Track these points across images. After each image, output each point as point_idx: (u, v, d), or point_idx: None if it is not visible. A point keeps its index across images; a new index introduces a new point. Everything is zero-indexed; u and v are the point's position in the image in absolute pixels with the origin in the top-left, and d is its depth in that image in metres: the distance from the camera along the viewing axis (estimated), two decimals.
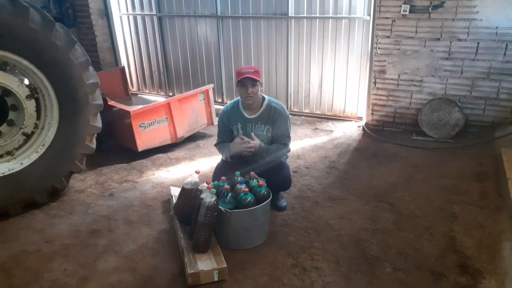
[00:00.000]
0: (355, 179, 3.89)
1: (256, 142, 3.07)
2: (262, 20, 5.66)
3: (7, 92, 3.21)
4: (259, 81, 3.07)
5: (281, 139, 3.22)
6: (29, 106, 3.28)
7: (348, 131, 5.17)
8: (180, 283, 2.56)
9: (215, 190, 2.74)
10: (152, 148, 4.54)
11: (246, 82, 3.03)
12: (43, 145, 3.40)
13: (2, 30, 2.95)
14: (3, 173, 3.24)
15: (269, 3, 5.54)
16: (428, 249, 2.80)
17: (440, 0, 4.35)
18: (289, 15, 5.43)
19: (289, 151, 3.32)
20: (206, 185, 2.85)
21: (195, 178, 3.04)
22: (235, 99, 3.33)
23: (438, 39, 4.52)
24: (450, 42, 4.48)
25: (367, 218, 3.21)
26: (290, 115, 3.34)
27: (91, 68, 3.57)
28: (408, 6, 4.49)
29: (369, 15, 4.97)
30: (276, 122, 3.16)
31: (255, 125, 3.20)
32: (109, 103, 4.36)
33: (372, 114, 5.16)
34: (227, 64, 6.19)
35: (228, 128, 3.29)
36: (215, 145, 3.42)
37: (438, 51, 4.56)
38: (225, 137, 3.32)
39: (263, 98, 3.22)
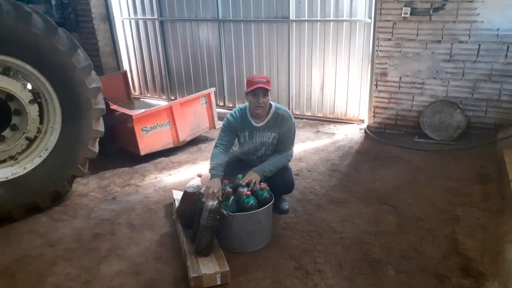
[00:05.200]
0: (357, 181, 3.88)
1: (253, 177, 2.98)
2: (264, 24, 5.68)
3: (10, 97, 3.23)
4: (270, 91, 3.08)
5: (284, 145, 3.22)
6: (32, 110, 3.30)
7: (350, 134, 5.17)
8: (183, 286, 2.57)
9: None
10: (155, 152, 4.55)
11: (258, 91, 3.02)
12: (46, 150, 3.42)
13: (5, 36, 2.98)
14: (7, 178, 3.25)
15: (270, 7, 5.56)
16: (431, 252, 2.80)
17: (441, 2, 4.36)
18: (290, 18, 5.44)
19: (290, 158, 3.30)
20: None
21: (197, 181, 3.04)
22: (243, 105, 3.30)
23: (439, 41, 4.52)
24: (451, 44, 4.48)
25: (369, 220, 3.21)
26: None
27: (93, 72, 3.59)
28: (409, 9, 4.49)
29: (370, 18, 4.97)
30: (282, 128, 3.17)
31: (261, 132, 3.21)
32: (111, 107, 4.38)
33: (374, 116, 5.16)
34: (229, 67, 6.21)
35: (234, 132, 3.25)
36: (215, 146, 3.24)
37: (440, 53, 4.56)
38: (227, 140, 3.26)
39: (270, 105, 3.22)
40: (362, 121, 5.48)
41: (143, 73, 7.07)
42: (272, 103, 3.24)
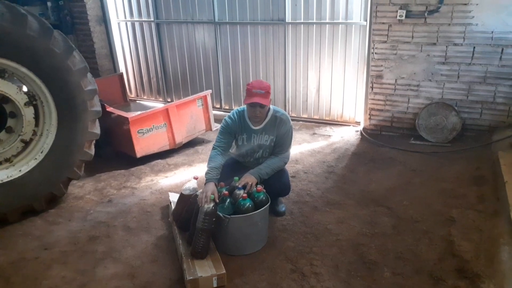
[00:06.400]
0: (353, 183, 3.89)
1: (249, 180, 2.99)
2: (260, 26, 5.69)
3: (5, 99, 3.22)
4: (267, 106, 3.06)
5: (282, 148, 3.22)
6: (28, 113, 3.28)
7: (346, 136, 5.18)
8: None
9: (213, 195, 2.75)
10: (151, 154, 4.54)
11: (255, 104, 3.01)
12: (41, 152, 3.41)
13: (1, 38, 2.97)
14: (2, 180, 3.24)
15: (266, 9, 5.57)
16: (427, 253, 2.81)
17: (436, 5, 4.38)
18: (286, 21, 5.45)
19: (286, 160, 3.30)
20: None
21: (193, 184, 3.04)
22: (241, 107, 3.28)
23: (434, 44, 4.55)
24: (446, 46, 4.51)
25: (365, 222, 3.22)
26: None
27: (89, 74, 3.58)
28: (404, 11, 4.52)
29: (366, 21, 4.99)
30: (280, 131, 3.17)
31: (259, 135, 3.21)
32: (107, 109, 4.37)
33: (369, 118, 5.18)
34: (225, 70, 6.21)
35: (232, 134, 3.24)
36: (213, 148, 3.25)
37: (435, 55, 4.59)
38: (225, 142, 3.24)
39: (268, 109, 3.20)
40: (358, 123, 5.50)
41: (140, 75, 7.06)
42: (270, 106, 3.23)
